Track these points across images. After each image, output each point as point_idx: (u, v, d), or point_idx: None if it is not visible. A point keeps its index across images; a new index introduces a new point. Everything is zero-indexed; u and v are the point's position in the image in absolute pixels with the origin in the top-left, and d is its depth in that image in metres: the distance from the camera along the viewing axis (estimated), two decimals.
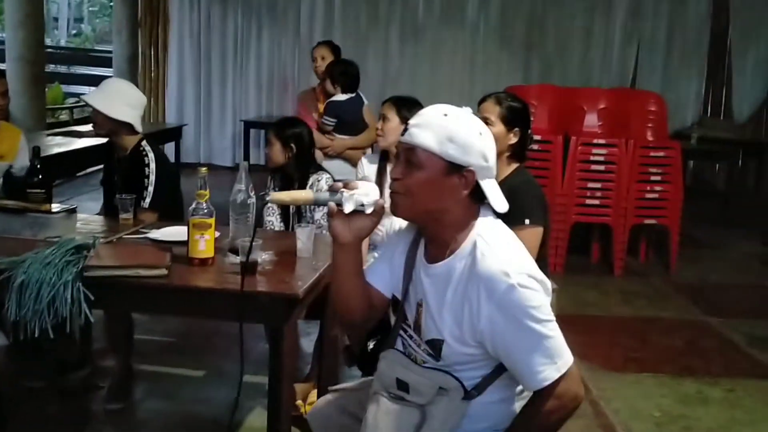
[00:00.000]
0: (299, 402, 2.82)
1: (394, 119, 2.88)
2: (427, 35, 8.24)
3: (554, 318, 1.45)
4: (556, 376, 1.43)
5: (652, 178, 4.91)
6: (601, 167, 4.88)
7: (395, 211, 1.51)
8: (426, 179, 1.46)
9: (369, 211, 1.48)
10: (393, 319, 1.67)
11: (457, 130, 1.47)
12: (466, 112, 1.54)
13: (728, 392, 3.23)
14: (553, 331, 1.43)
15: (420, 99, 3.02)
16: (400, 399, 1.54)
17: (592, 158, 4.87)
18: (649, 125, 5.73)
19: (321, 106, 4.11)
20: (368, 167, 2.97)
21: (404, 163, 1.49)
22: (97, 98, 2.84)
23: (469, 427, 1.50)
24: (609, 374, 3.31)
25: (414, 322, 1.57)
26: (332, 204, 1.48)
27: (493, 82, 7.46)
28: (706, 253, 5.63)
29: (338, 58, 4.27)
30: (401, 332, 1.62)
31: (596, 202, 4.90)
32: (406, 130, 1.50)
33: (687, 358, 3.63)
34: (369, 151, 4.14)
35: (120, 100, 2.84)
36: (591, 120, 5.69)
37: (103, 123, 2.83)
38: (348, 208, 1.46)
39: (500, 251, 1.46)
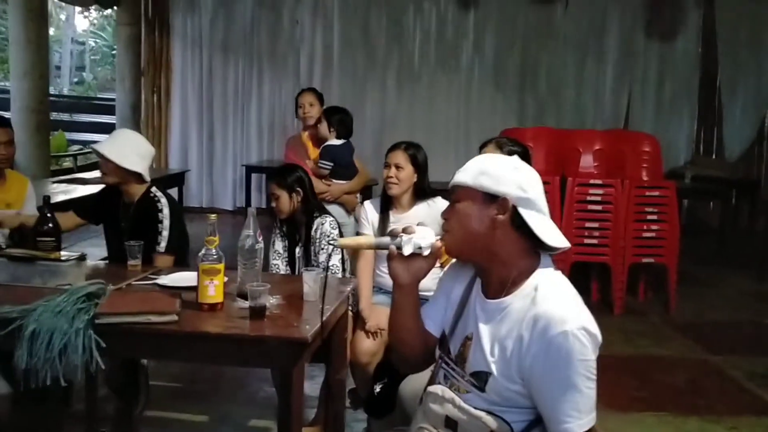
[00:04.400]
0: None
1: (407, 167, 2.93)
2: (423, 79, 8.41)
3: (595, 377, 1.49)
4: (578, 431, 1.47)
5: (649, 217, 4.97)
6: (598, 207, 4.95)
7: (449, 251, 1.61)
8: (464, 211, 1.56)
9: (426, 253, 1.58)
10: (438, 353, 1.71)
11: (489, 165, 1.59)
12: (513, 158, 1.64)
13: (731, 430, 3.23)
14: (589, 389, 1.47)
15: (417, 142, 3.11)
16: None
17: (588, 198, 4.94)
18: (644, 165, 5.83)
19: (312, 152, 4.15)
20: (372, 213, 3.04)
21: (450, 204, 1.61)
22: (108, 147, 2.85)
23: None
24: (613, 414, 3.32)
25: (458, 355, 1.61)
26: (393, 247, 1.58)
27: (488, 125, 7.60)
28: (704, 291, 5.66)
29: (329, 105, 4.34)
30: (443, 365, 1.66)
31: (594, 241, 4.95)
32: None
33: (689, 396, 3.64)
34: (359, 195, 4.19)
35: (130, 149, 2.86)
36: (587, 161, 5.79)
37: (113, 172, 2.85)
38: (407, 251, 1.57)
39: (563, 299, 1.51)
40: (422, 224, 1.62)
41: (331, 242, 2.81)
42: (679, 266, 5.05)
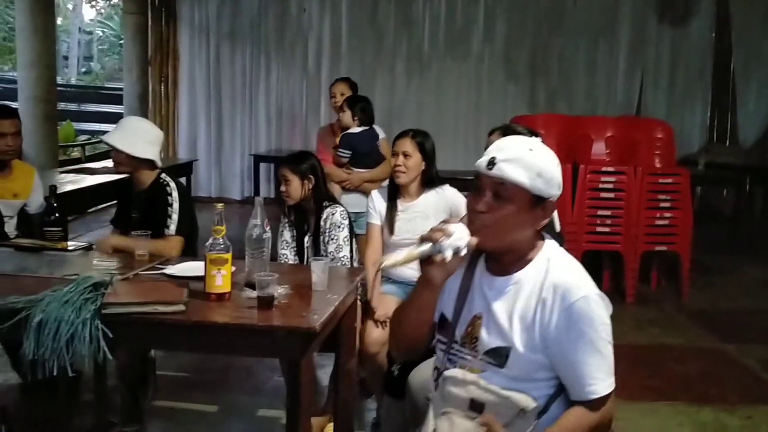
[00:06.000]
0: None
1: (416, 155, 2.90)
2: (432, 67, 8.35)
3: (612, 341, 1.52)
4: (605, 392, 1.50)
5: (662, 204, 4.92)
6: (611, 195, 4.90)
7: (481, 244, 1.54)
8: (515, 212, 1.52)
9: (464, 253, 1.53)
10: (437, 338, 1.68)
11: (545, 165, 1.53)
12: (539, 141, 1.59)
13: (746, 419, 3.19)
14: (609, 351, 1.51)
15: (427, 130, 3.07)
16: (474, 418, 1.55)
17: (601, 186, 4.89)
18: (657, 152, 5.74)
19: (337, 141, 4.15)
20: (379, 202, 3.00)
21: (492, 196, 1.52)
22: (118, 137, 2.86)
23: None
24: (625, 403, 3.27)
25: (464, 336, 1.60)
26: (439, 256, 1.50)
27: (499, 112, 7.55)
28: (717, 279, 5.60)
29: (356, 93, 4.32)
30: (448, 350, 1.62)
31: (606, 229, 4.90)
32: (492, 164, 1.51)
33: (703, 385, 3.60)
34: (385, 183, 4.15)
35: (140, 137, 2.88)
36: (598, 148, 5.71)
37: (125, 161, 2.87)
38: (449, 256, 1.51)
39: (574, 269, 1.56)
40: (446, 221, 1.55)
41: (379, 266, 2.73)
42: (692, 254, 5.00)
